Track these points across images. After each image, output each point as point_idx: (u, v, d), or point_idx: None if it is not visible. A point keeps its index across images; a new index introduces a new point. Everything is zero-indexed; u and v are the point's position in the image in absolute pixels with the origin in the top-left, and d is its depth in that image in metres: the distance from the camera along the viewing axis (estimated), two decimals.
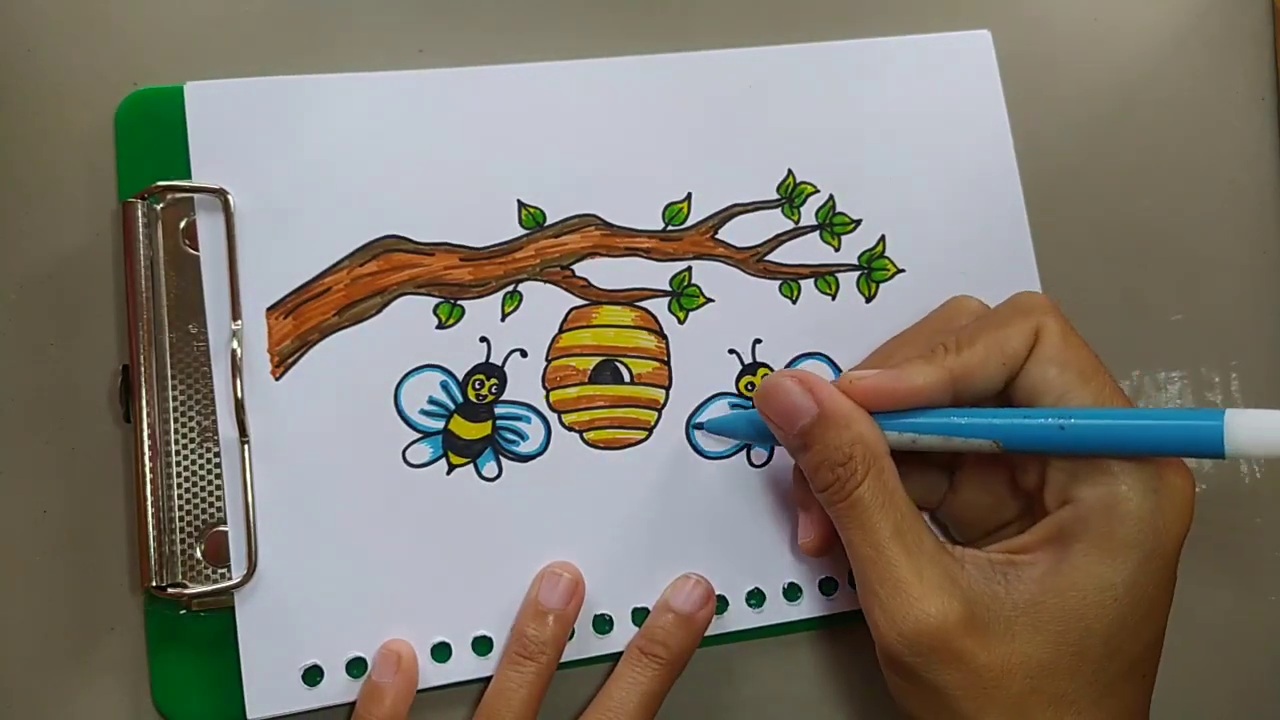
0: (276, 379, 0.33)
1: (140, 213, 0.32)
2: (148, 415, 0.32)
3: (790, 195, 0.36)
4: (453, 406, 0.34)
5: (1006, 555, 0.29)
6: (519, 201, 0.35)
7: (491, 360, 0.34)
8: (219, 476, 0.32)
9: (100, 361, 0.33)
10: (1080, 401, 0.28)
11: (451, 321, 0.34)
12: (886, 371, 0.29)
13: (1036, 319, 0.29)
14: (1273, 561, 0.38)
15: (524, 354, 0.34)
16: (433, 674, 0.32)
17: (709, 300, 0.35)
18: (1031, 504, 0.30)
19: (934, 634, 0.27)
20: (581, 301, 0.35)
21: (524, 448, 0.34)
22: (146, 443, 0.32)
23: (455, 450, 0.33)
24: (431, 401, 0.33)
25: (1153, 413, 0.28)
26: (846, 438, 0.28)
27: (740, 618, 0.34)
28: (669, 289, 0.35)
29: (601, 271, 0.35)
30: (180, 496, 0.32)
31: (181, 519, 0.32)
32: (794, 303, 0.35)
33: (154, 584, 0.31)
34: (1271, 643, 0.37)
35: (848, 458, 0.28)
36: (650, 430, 0.34)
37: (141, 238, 0.32)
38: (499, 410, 0.34)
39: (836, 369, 0.35)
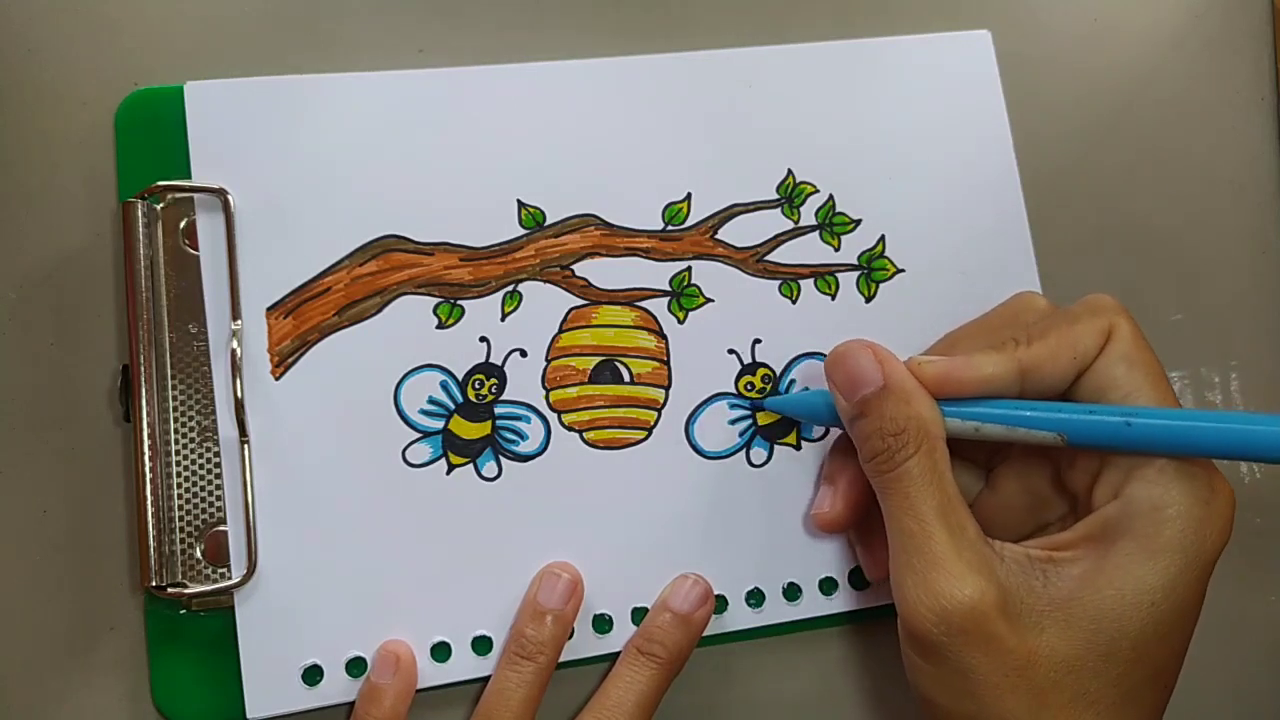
0: (276, 379, 0.33)
1: (140, 213, 0.32)
2: (148, 415, 0.32)
3: (790, 195, 0.36)
4: (452, 406, 0.34)
5: (1047, 552, 0.29)
6: (519, 201, 0.35)
7: (491, 360, 0.34)
8: (219, 476, 0.32)
9: (100, 361, 0.33)
10: (1146, 402, 0.29)
11: (451, 321, 0.34)
12: (956, 359, 0.30)
13: (1109, 318, 0.30)
14: (1273, 561, 0.38)
15: (524, 354, 0.34)
16: (432, 674, 0.32)
17: (709, 300, 0.35)
18: (1074, 506, 0.30)
19: (968, 613, 0.27)
20: (581, 301, 0.35)
21: (524, 447, 0.34)
22: (146, 442, 0.32)
23: (455, 450, 0.33)
24: (431, 401, 0.33)
25: (1221, 415, 0.28)
26: (905, 412, 0.29)
27: (740, 617, 0.34)
28: (669, 289, 0.35)
29: (601, 271, 0.35)
30: (180, 496, 0.32)
31: (181, 519, 0.32)
32: (794, 303, 0.35)
33: (154, 584, 0.31)
34: (1271, 643, 0.37)
35: (901, 429, 0.29)
36: (650, 430, 0.34)
37: (141, 238, 0.32)
38: (499, 410, 0.34)
39: None
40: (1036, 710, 0.27)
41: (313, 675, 0.32)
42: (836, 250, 0.36)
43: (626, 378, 0.34)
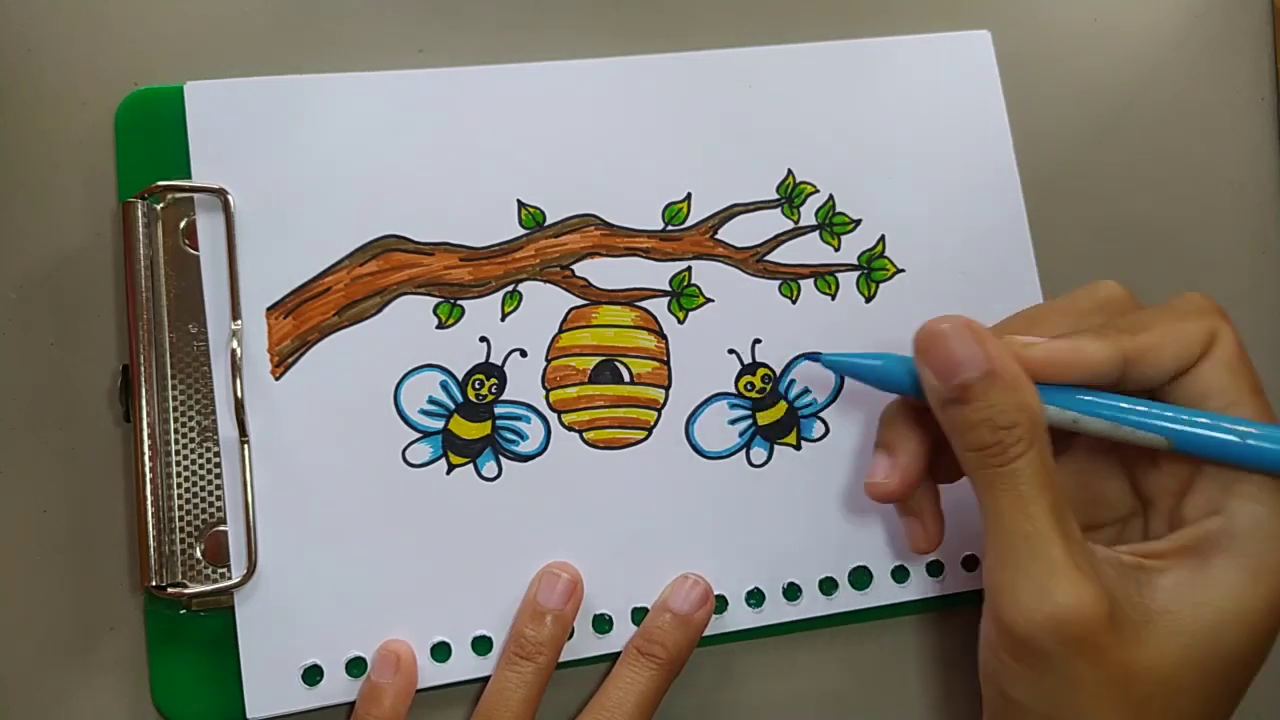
0: (276, 379, 0.33)
1: (140, 213, 0.32)
2: (148, 415, 0.32)
3: (790, 195, 0.36)
4: (452, 406, 0.34)
5: (1137, 559, 0.27)
6: (519, 201, 0.35)
7: (491, 360, 0.34)
8: (219, 476, 0.32)
9: (100, 361, 0.33)
10: (1248, 413, 0.27)
11: (451, 321, 0.34)
12: (1059, 342, 0.28)
13: (1214, 321, 0.28)
14: None
15: (524, 354, 0.34)
16: (432, 674, 0.32)
17: (709, 300, 0.35)
18: (1145, 513, 0.30)
19: (1083, 621, 0.26)
20: (581, 301, 0.35)
21: (524, 447, 0.34)
22: (146, 442, 0.32)
23: (455, 450, 0.33)
24: (431, 401, 0.33)
25: None
26: (1014, 402, 0.27)
27: (740, 618, 0.34)
28: (669, 289, 0.35)
29: (601, 271, 0.35)
30: (180, 496, 0.32)
31: (181, 519, 0.32)
32: (794, 303, 0.35)
33: (154, 584, 0.31)
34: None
35: (1013, 423, 0.27)
36: (650, 430, 0.34)
37: (141, 238, 0.32)
38: (499, 410, 0.34)
39: None
40: None
41: (313, 675, 0.32)
42: (836, 250, 0.36)
43: (626, 378, 0.34)
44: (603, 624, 0.33)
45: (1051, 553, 0.26)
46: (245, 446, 0.32)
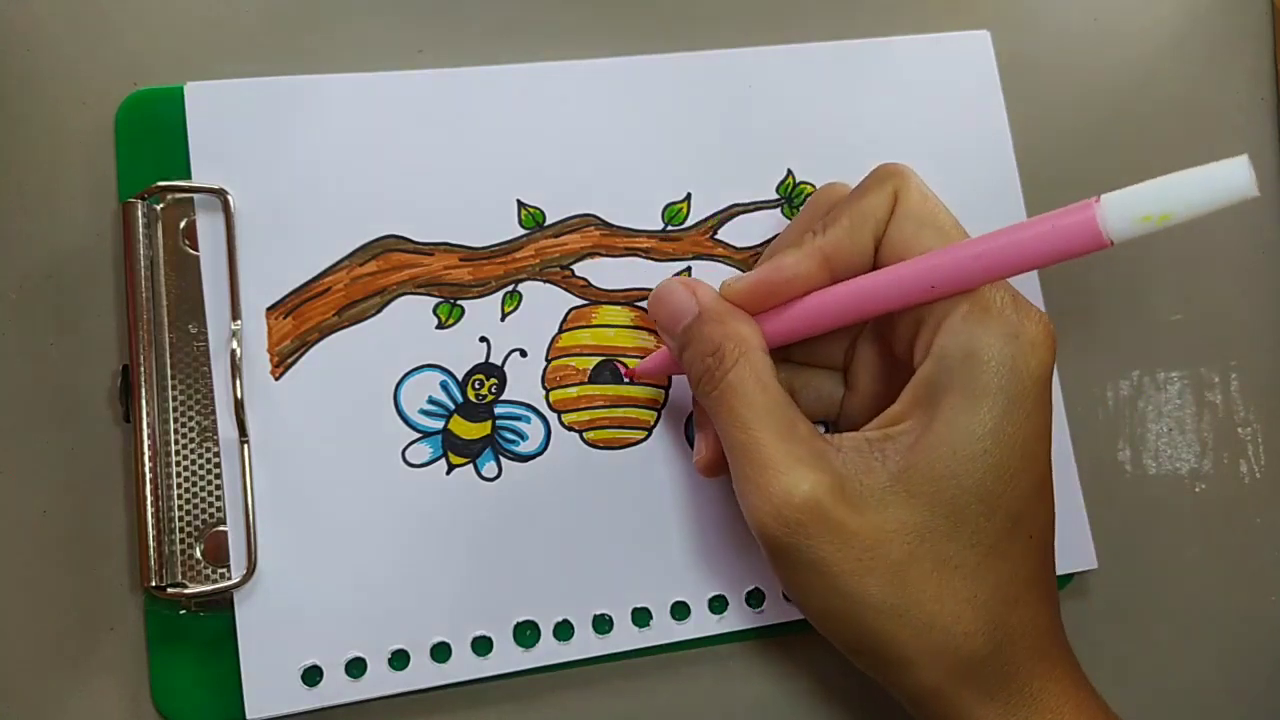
0: (276, 379, 0.33)
1: (140, 213, 0.32)
2: (148, 415, 0.32)
3: (790, 195, 0.36)
4: (452, 406, 0.34)
5: (882, 431, 0.28)
6: (519, 201, 0.35)
7: (491, 360, 0.34)
8: (219, 476, 0.32)
9: (100, 361, 0.33)
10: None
11: (451, 321, 0.34)
12: (761, 268, 0.30)
13: (893, 183, 0.29)
14: (1273, 561, 0.38)
15: (524, 354, 0.34)
16: (433, 674, 0.32)
17: None
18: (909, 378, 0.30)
19: (804, 505, 0.27)
20: (581, 301, 0.35)
21: (524, 447, 0.34)
22: (146, 443, 0.32)
23: (455, 450, 0.33)
24: (431, 401, 0.33)
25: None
26: (720, 331, 0.29)
27: (740, 618, 0.34)
28: None
29: (601, 271, 0.35)
30: (180, 496, 0.32)
31: (181, 519, 0.32)
32: None
33: (154, 584, 0.31)
34: (1271, 643, 0.37)
35: (717, 347, 0.29)
36: (650, 430, 0.34)
37: (141, 238, 0.32)
38: (499, 410, 0.34)
39: None
40: (900, 587, 0.27)
41: (312, 675, 0.32)
42: None
43: (626, 378, 0.34)
44: (603, 624, 0.33)
45: (765, 453, 0.27)
46: (245, 447, 0.32)
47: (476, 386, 0.34)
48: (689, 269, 0.35)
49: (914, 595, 0.27)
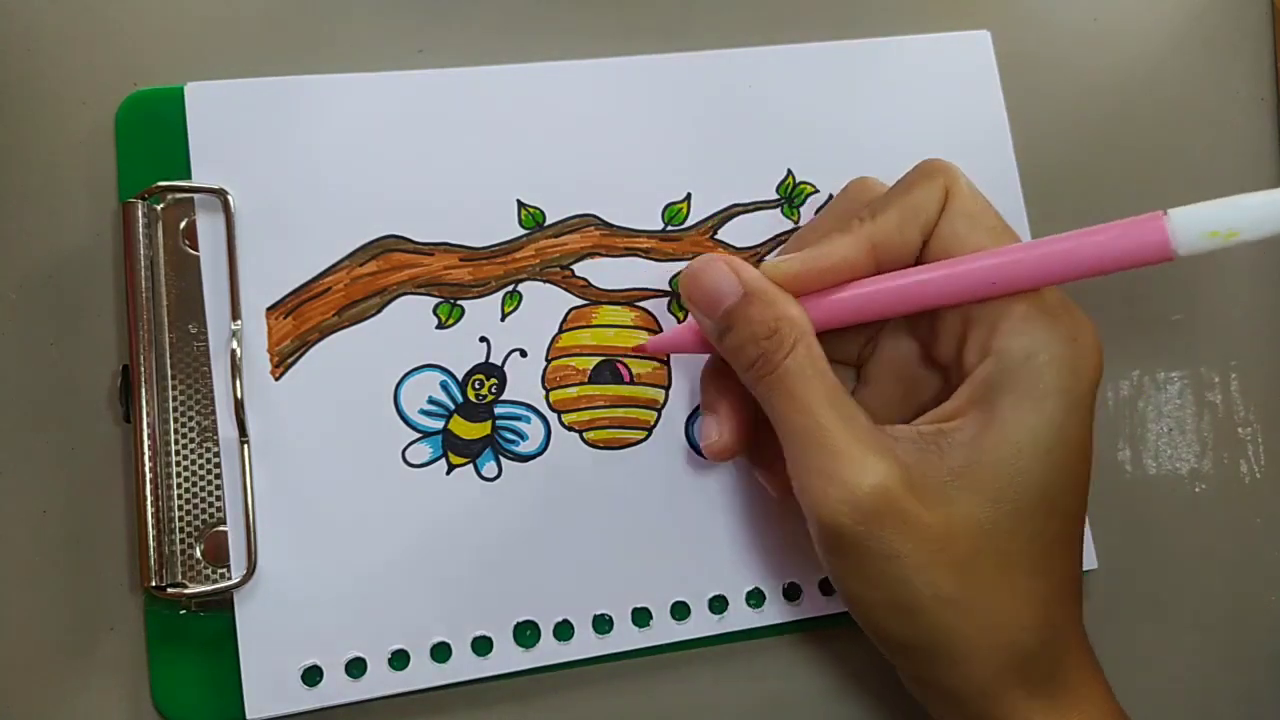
0: (276, 379, 0.33)
1: (140, 213, 0.32)
2: (148, 415, 0.32)
3: (790, 195, 0.36)
4: (452, 406, 0.34)
5: (935, 426, 0.28)
6: (519, 201, 0.35)
7: (491, 360, 0.34)
8: (219, 476, 0.32)
9: (100, 361, 0.33)
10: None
11: (451, 321, 0.34)
12: (807, 252, 0.29)
13: (944, 179, 0.29)
14: (1273, 561, 0.38)
15: (524, 354, 0.34)
16: (433, 674, 0.32)
17: None
18: (947, 378, 0.30)
19: (879, 496, 0.26)
20: (581, 301, 0.35)
21: (524, 447, 0.34)
22: (146, 443, 0.32)
23: (455, 450, 0.33)
24: (431, 401, 0.33)
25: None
26: (771, 314, 0.28)
27: (740, 618, 0.34)
28: (669, 289, 0.35)
29: (601, 271, 0.35)
30: (180, 496, 0.32)
31: (181, 519, 0.32)
32: None
33: (154, 584, 0.31)
34: (1271, 643, 0.37)
35: (773, 330, 0.28)
36: (650, 430, 0.34)
37: (141, 238, 0.32)
38: (499, 410, 0.34)
39: None
40: (967, 581, 0.27)
41: (312, 676, 0.32)
42: None
43: (626, 378, 0.34)
44: (603, 624, 0.33)
45: (832, 440, 0.27)
46: (245, 447, 0.32)
47: (476, 386, 0.34)
48: None
49: (980, 590, 0.27)
